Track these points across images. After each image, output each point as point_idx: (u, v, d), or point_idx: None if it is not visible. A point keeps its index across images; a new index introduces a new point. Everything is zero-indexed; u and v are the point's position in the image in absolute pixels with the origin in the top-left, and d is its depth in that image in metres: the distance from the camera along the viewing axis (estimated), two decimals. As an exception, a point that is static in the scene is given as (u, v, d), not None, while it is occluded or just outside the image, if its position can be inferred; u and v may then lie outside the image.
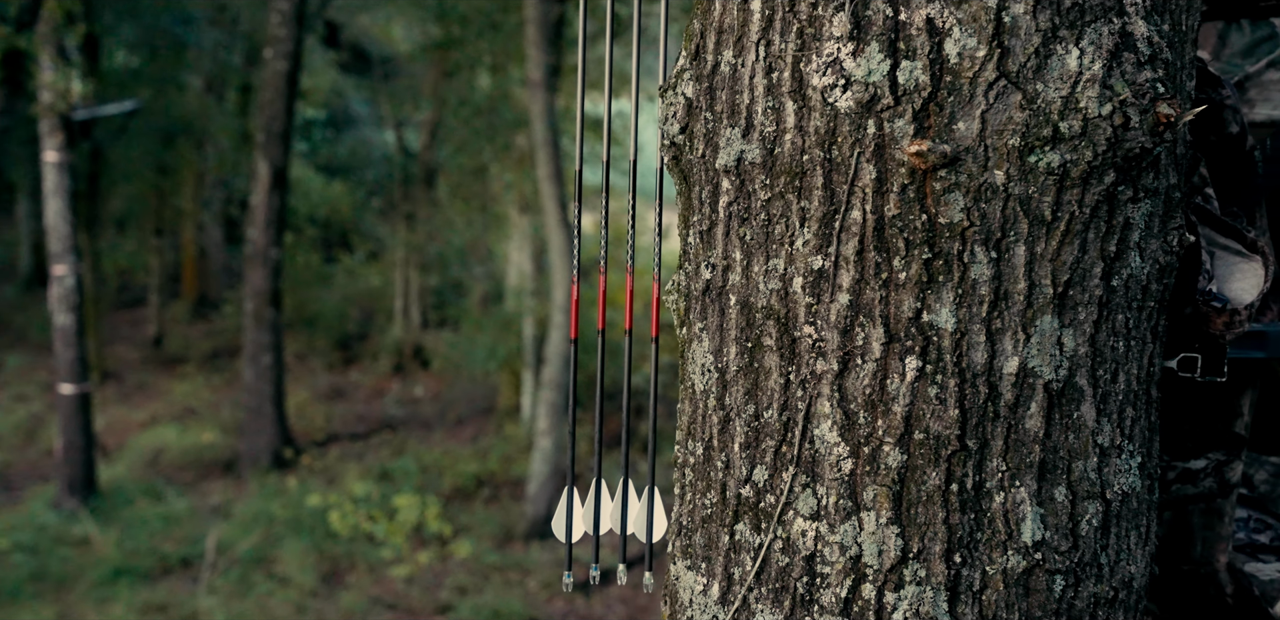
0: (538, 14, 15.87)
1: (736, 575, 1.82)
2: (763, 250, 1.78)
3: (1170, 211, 1.82)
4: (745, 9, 1.78)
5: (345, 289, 25.93)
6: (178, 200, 25.42)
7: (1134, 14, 1.72)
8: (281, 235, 18.61)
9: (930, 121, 1.68)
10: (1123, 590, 1.84)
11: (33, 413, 20.59)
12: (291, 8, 17.84)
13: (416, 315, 23.81)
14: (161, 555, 15.77)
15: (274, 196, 18.24)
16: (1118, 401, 1.79)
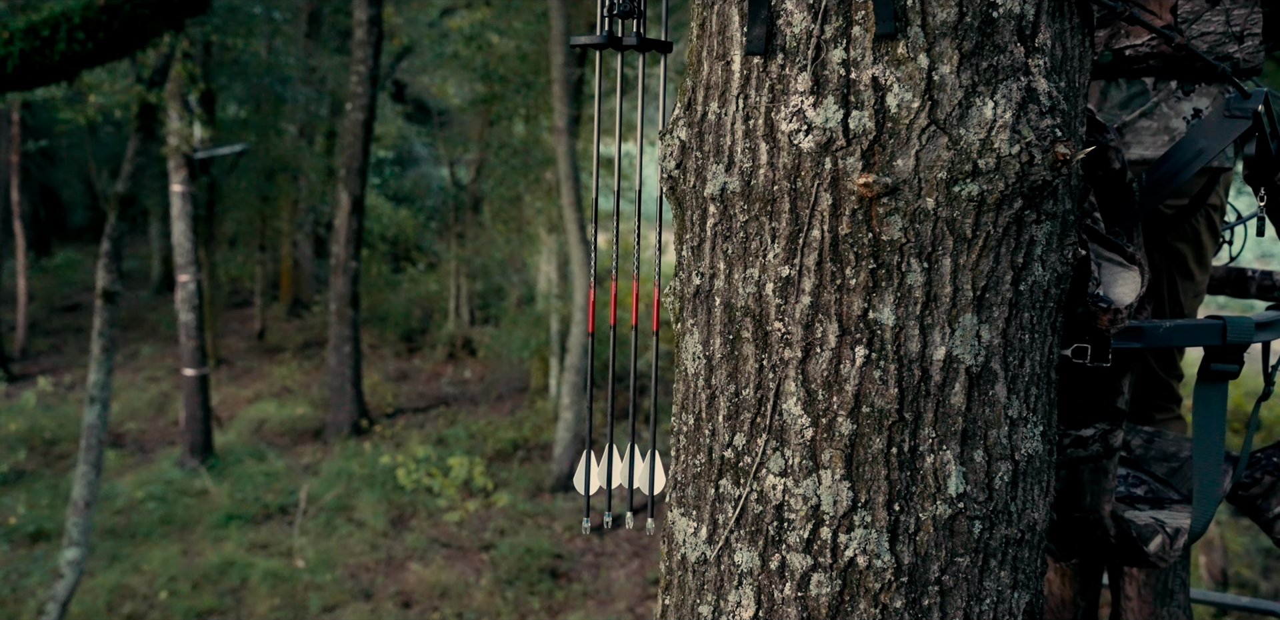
0: (562, 75, 15.89)
1: (720, 520, 1.81)
2: (741, 262, 1.77)
3: (1066, 231, 1.81)
4: (727, 69, 1.78)
5: (409, 293, 25.95)
6: (277, 222, 25.45)
7: (1037, 73, 1.71)
8: (359, 250, 18.62)
9: (875, 159, 1.67)
10: (1028, 532, 1.83)
11: (162, 391, 20.61)
12: (367, 70, 17.85)
13: (465, 314, 23.81)
14: (263, 504, 15.79)
15: (353, 219, 18.25)
16: (1024, 382, 1.78)
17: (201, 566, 13.90)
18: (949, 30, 1.67)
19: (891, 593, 1.73)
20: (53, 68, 9.47)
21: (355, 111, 18.11)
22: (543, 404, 19.18)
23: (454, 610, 13.01)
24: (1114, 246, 1.95)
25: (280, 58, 20.97)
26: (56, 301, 26.99)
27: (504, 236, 23.50)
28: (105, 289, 11.73)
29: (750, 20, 1.73)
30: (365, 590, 13.53)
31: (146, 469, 17.23)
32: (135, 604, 13.19)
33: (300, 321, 25.42)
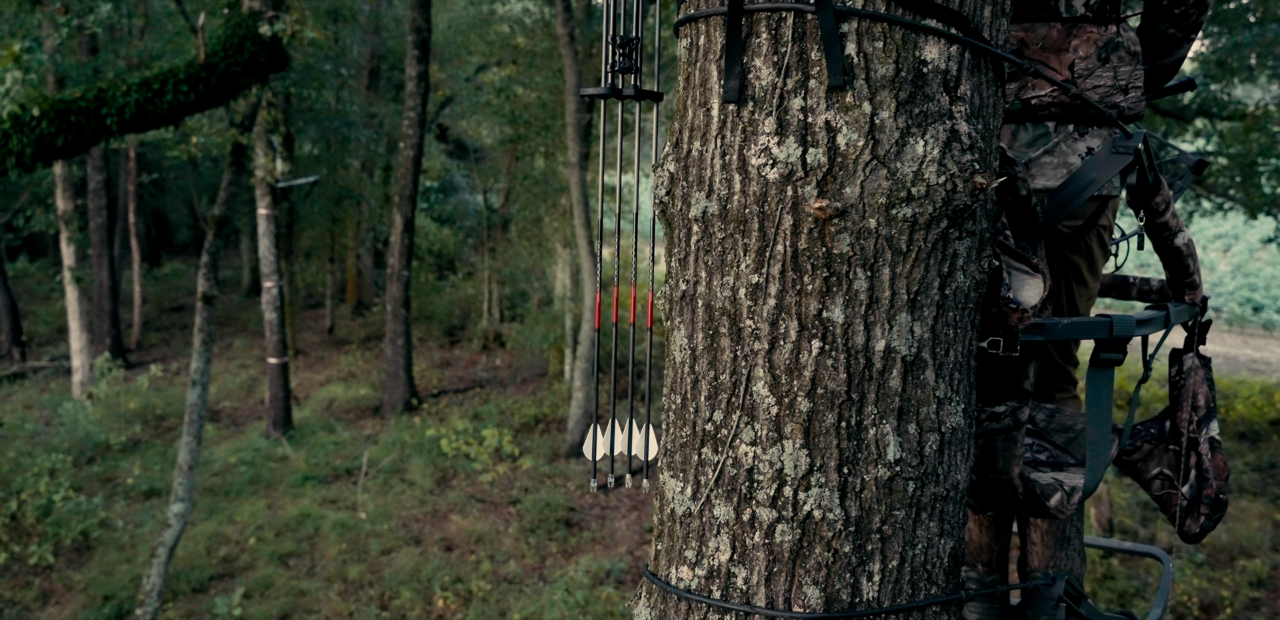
0: (574, 120, 15.92)
1: (702, 481, 1.80)
2: (719, 271, 1.77)
3: (983, 245, 1.81)
4: (708, 115, 1.77)
5: (450, 296, 25.96)
6: (344, 239, 25.46)
7: (959, 118, 1.71)
8: (410, 262, 18.62)
9: (828, 187, 1.67)
10: (952, 491, 1.82)
11: (251, 376, 20.62)
12: (417, 116, 17.85)
13: (496, 313, 23.80)
14: (333, 467, 15.80)
15: (405, 237, 18.25)
16: (949, 369, 1.78)
17: (283, 518, 13.90)
18: (888, 83, 1.67)
19: (842, 540, 1.73)
20: (162, 114, 9.48)
21: (407, 149, 18.12)
22: (559, 386, 19.18)
23: (487, 553, 13.02)
24: (1021, 258, 1.95)
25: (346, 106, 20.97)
26: (165, 303, 27.00)
27: (527, 250, 23.52)
28: (205, 293, 11.72)
29: (726, 75, 1.73)
30: (415, 537, 13.54)
31: (238, 439, 17.24)
32: (229, 549, 13.20)
33: (362, 319, 25.43)
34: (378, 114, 22.07)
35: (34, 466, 14.10)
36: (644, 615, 1.96)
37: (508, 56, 22.13)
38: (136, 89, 9.25)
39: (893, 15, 1.66)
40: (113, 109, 9.10)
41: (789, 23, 1.69)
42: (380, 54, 23.31)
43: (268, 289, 17.28)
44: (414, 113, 17.93)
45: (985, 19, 1.76)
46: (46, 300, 26.31)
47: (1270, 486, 14.10)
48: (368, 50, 22.70)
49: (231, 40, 9.77)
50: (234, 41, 9.77)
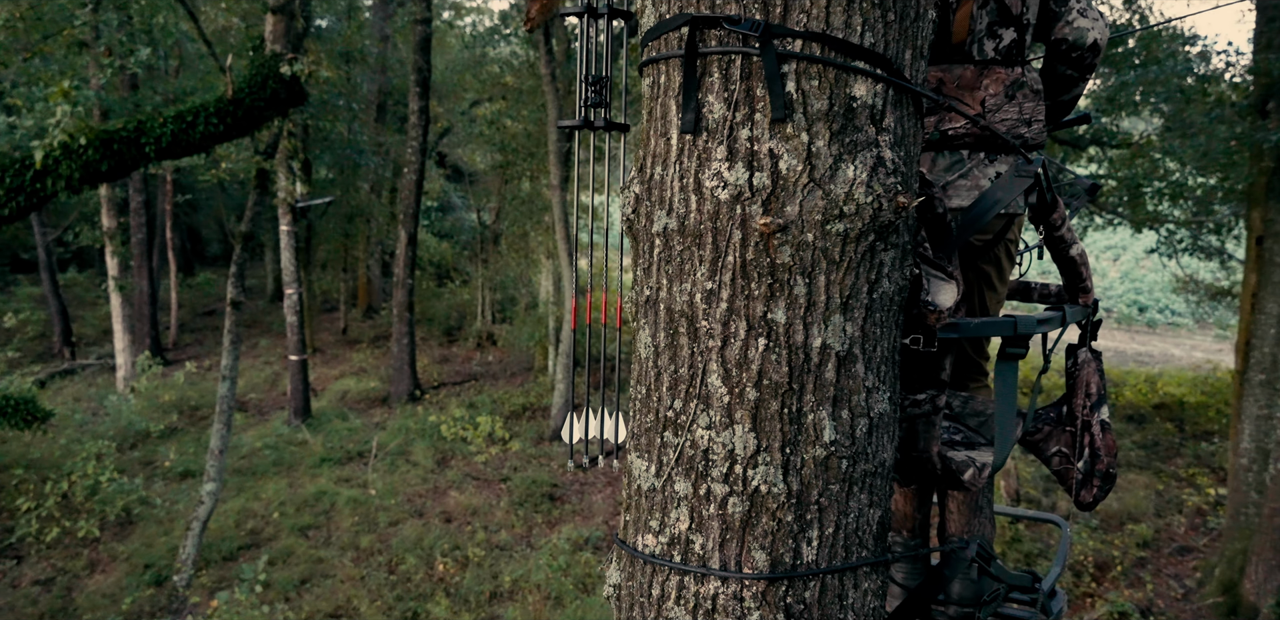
0: (556, 148, 15.88)
1: (665, 461, 1.80)
2: (678, 279, 1.77)
3: (905, 256, 1.81)
4: (668, 143, 1.77)
5: (449, 301, 25.84)
6: (355, 251, 25.32)
7: (884, 146, 1.71)
8: (414, 271, 18.53)
9: (772, 206, 1.67)
10: (880, 467, 1.83)
11: (274, 371, 20.47)
12: (419, 145, 17.78)
13: (489, 315, 23.70)
14: (346, 450, 15.69)
15: (409, 249, 18.17)
16: (877, 362, 1.78)
17: (302, 495, 13.80)
18: (823, 116, 1.67)
19: (785, 511, 1.73)
20: (194, 143, 9.40)
21: (410, 173, 18.04)
22: (543, 378, 19.13)
23: (481, 524, 12.96)
24: (939, 267, 1.96)
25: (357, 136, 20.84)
26: (199, 308, 26.76)
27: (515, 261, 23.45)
28: (233, 299, 11.62)
29: (683, 109, 1.73)
30: (418, 510, 13.47)
31: (263, 426, 17.10)
32: (255, 522, 13.09)
33: (372, 321, 25.28)
34: (384, 143, 21.96)
35: (82, 451, 13.95)
36: (614, 577, 1.96)
37: (498, 93, 22.08)
38: (172, 121, 9.16)
39: (826, 57, 1.67)
40: (151, 138, 9.01)
41: (737, 64, 1.69)
42: (387, 91, 23.19)
43: (288, 295, 17.17)
44: (416, 142, 17.85)
45: (906, 61, 1.76)
46: (93, 306, 26.02)
47: (1154, 461, 14.23)
48: (376, 87, 22.57)
49: (256, 78, 9.70)
50: (258, 80, 9.70)
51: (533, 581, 11.09)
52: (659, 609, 1.82)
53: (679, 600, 1.79)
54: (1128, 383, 17.84)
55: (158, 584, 11.46)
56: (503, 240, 23.94)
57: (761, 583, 1.73)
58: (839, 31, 1.67)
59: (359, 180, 22.46)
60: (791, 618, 1.75)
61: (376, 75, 22.31)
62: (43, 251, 22.00)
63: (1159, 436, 15.27)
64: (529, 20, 2.19)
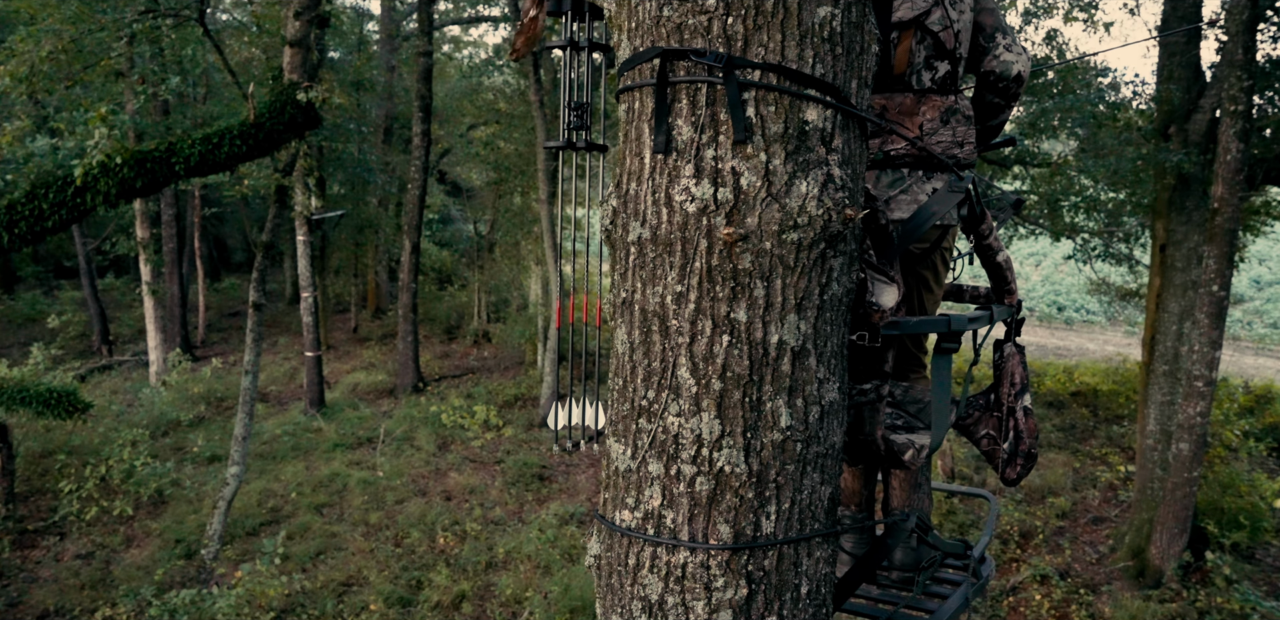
0: (544, 166, 15.84)
1: (639, 444, 1.80)
2: (650, 283, 1.76)
3: (852, 262, 1.82)
4: (641, 162, 1.77)
5: (449, 303, 25.71)
6: (365, 259, 25.14)
7: (833, 164, 1.71)
8: (418, 276, 18.43)
9: (734, 218, 1.67)
10: (831, 449, 1.83)
11: (292, 366, 20.30)
12: (421, 164, 17.70)
13: (484, 315, 23.58)
14: (357, 436, 15.58)
15: (413, 257, 18.07)
16: (827, 356, 1.78)
17: (317, 476, 13.70)
18: (779, 138, 1.67)
19: (746, 488, 1.73)
20: (220, 163, 9.31)
21: (414, 189, 17.93)
22: (533, 371, 19.07)
23: (478, 502, 12.91)
24: (881, 271, 1.96)
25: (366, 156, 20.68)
26: (225, 310, 26.50)
27: (508, 267, 23.39)
28: (255, 302, 11.52)
29: (656, 132, 1.73)
30: (421, 490, 13.39)
31: (282, 415, 16.96)
32: (275, 501, 12.98)
33: (380, 321, 25.10)
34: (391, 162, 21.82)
35: (119, 439, 13.79)
36: (595, 549, 1.95)
37: (492, 118, 22.01)
38: (200, 142, 9.08)
39: (782, 86, 1.67)
40: (180, 158, 8.92)
41: (703, 92, 1.69)
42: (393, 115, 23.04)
43: (305, 298, 17.05)
44: (419, 161, 17.76)
45: (853, 89, 1.77)
46: (129, 308, 25.71)
47: (1071, 442, 14.34)
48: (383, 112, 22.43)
49: (275, 105, 9.62)
50: (277, 106, 9.62)
51: (524, 553, 11.05)
52: (635, 577, 1.81)
53: (652, 569, 1.78)
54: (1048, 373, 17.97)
55: (187, 557, 11.35)
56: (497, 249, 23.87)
57: (726, 552, 1.73)
58: (793, 63, 1.68)
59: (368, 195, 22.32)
60: (752, 583, 1.74)
61: (384, 102, 22.18)
62: (83, 259, 21.75)
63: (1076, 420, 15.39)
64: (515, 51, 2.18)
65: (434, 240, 29.31)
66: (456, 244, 29.18)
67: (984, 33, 2.54)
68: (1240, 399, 15.15)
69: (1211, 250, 9.26)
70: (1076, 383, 17.18)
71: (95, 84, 11.34)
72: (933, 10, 2.42)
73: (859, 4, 1.76)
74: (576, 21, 2.26)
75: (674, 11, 1.70)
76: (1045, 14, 14.01)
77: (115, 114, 8.87)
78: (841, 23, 1.72)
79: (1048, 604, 9.72)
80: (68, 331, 22.60)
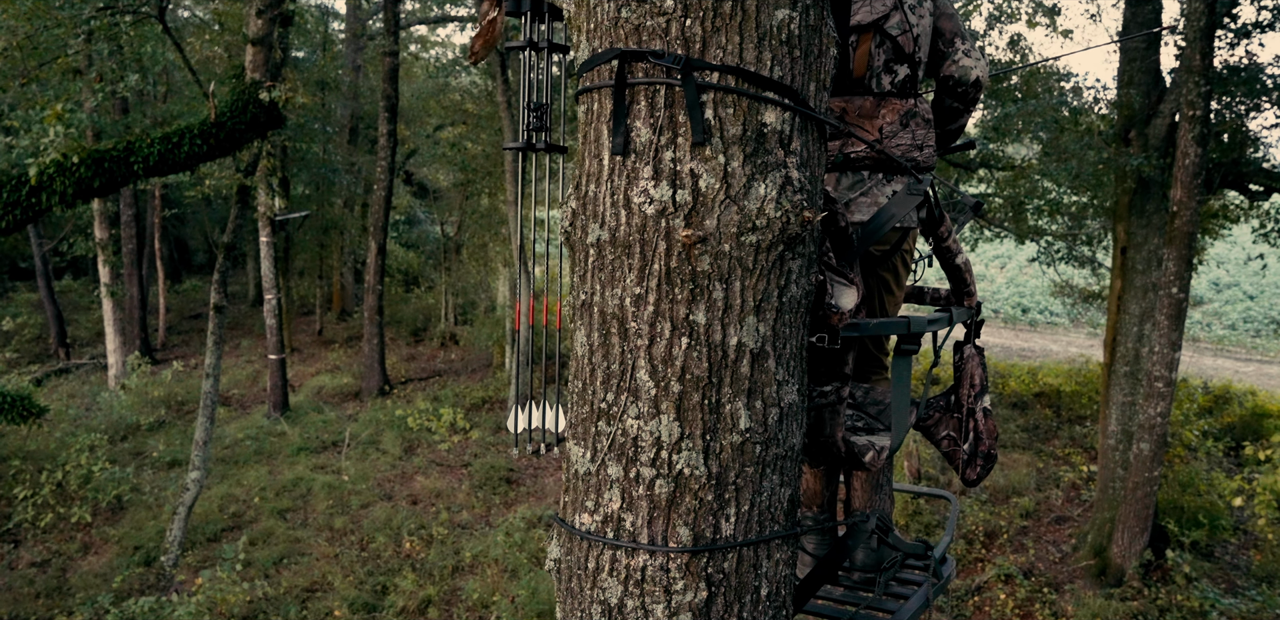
0: (511, 167, 15.80)
1: (599, 447, 1.79)
2: (609, 284, 1.76)
3: (811, 264, 1.82)
4: (600, 164, 1.77)
5: (415, 305, 25.54)
6: (330, 260, 24.89)
7: (792, 167, 1.72)
8: (383, 278, 18.28)
9: (693, 220, 1.67)
10: (790, 451, 1.84)
11: (255, 369, 20.07)
12: (387, 164, 17.57)
13: (451, 317, 23.43)
14: (321, 440, 15.43)
15: (379, 259, 17.93)
16: (786, 358, 1.79)
17: (281, 481, 13.55)
18: (737, 140, 1.68)
19: (706, 490, 1.73)
20: (180, 162, 9.19)
21: (380, 190, 17.80)
22: (500, 374, 18.99)
23: (445, 505, 12.83)
24: (841, 274, 1.97)
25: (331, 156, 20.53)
26: (186, 312, 26.15)
27: (475, 269, 23.28)
28: (216, 304, 11.38)
29: (614, 133, 1.72)
30: (387, 494, 13.29)
31: (245, 419, 16.76)
32: (237, 506, 12.83)
33: (345, 324, 24.87)
34: (356, 162, 21.64)
35: (76, 443, 13.55)
36: (555, 552, 1.94)
37: (459, 118, 21.92)
38: (159, 142, 8.96)
39: (740, 89, 1.67)
40: (139, 158, 8.80)
41: (661, 94, 1.69)
42: (358, 115, 22.86)
43: (268, 300, 16.86)
44: (385, 161, 17.63)
45: (811, 92, 1.78)
46: (87, 310, 25.31)
47: (1035, 442, 14.51)
48: (348, 112, 22.24)
49: (237, 104, 9.51)
50: (239, 105, 9.51)
51: (491, 556, 11.00)
52: (594, 580, 1.81)
53: (612, 572, 1.78)
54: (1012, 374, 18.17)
55: (146, 564, 11.18)
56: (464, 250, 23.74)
57: (685, 555, 1.73)
58: (751, 65, 1.68)
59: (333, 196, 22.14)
60: (712, 586, 1.75)
61: (349, 101, 22.00)
62: (39, 260, 21.37)
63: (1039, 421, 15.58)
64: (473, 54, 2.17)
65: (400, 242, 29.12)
66: (423, 245, 29.00)
67: (943, 38, 2.56)
68: (1199, 399, 15.41)
69: (1171, 253, 9.41)
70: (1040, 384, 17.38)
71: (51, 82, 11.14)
72: (891, 14, 2.44)
73: (817, 7, 1.77)
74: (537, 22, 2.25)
75: (632, 13, 1.70)
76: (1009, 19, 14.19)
77: (72, 112, 8.73)
78: (799, 25, 1.73)
79: (1012, 603, 9.82)
80: (23, 334, 22.21)
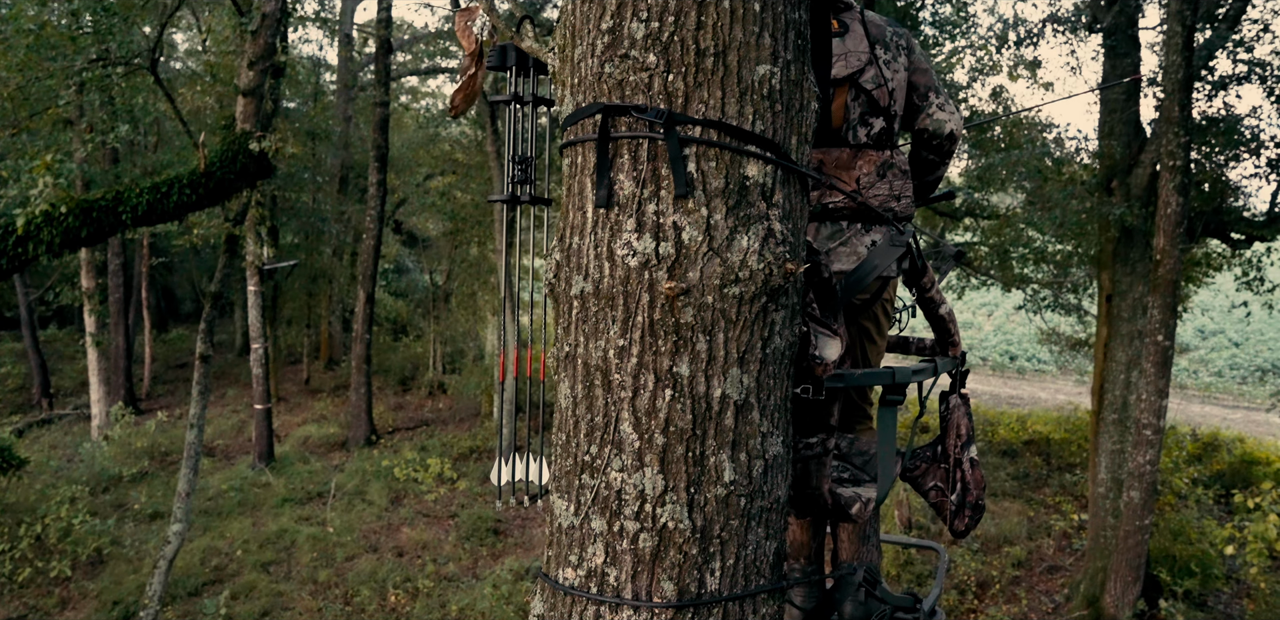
0: (500, 218, 15.88)
1: (583, 501, 1.78)
2: (594, 336, 1.76)
3: (794, 315, 1.83)
4: (584, 216, 1.78)
5: (403, 353, 25.42)
6: (318, 309, 24.84)
7: (774, 219, 1.74)
8: (371, 327, 18.24)
9: (676, 272, 1.68)
10: (775, 504, 1.82)
11: (241, 419, 19.89)
12: (377, 213, 17.66)
13: (440, 366, 23.34)
14: (307, 491, 15.24)
15: (368, 308, 17.92)
16: (771, 410, 1.79)
17: (265, 533, 13.34)
18: (720, 193, 1.70)
19: (690, 544, 1.71)
20: (169, 212, 9.22)
21: (369, 239, 17.86)
22: (488, 423, 18.86)
23: (431, 557, 12.64)
24: (824, 324, 1.98)
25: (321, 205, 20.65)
26: (172, 362, 25.98)
27: (464, 317, 23.26)
28: (202, 353, 11.31)
29: (597, 186, 1.74)
30: (373, 546, 13.09)
31: (229, 470, 16.55)
32: (220, 559, 12.61)
33: (333, 372, 24.73)
34: (346, 211, 21.74)
35: (56, 495, 13.35)
36: (538, 608, 1.91)
37: (449, 168, 22.09)
38: (148, 191, 8.99)
39: (722, 142, 1.70)
40: (128, 207, 8.82)
41: (645, 147, 1.71)
42: (349, 165, 23.02)
43: (255, 349, 16.78)
44: (375, 211, 17.73)
45: (793, 145, 1.80)
46: (72, 360, 25.11)
47: (1025, 491, 14.44)
48: (339, 162, 22.41)
49: (227, 154, 9.57)
50: (229, 154, 9.58)
51: (478, 610, 10.80)
52: (578, 636, 1.78)
53: (596, 628, 1.75)
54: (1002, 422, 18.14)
55: (125, 619, 10.93)
56: (453, 299, 23.76)
57: (670, 611, 1.70)
58: (733, 120, 1.71)
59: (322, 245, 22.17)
60: (697, 642, 1.72)
61: (340, 151, 22.18)
62: (24, 309, 21.28)
63: (1029, 469, 15.52)
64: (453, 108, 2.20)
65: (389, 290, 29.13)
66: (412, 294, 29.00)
67: (918, 92, 2.61)
68: (1188, 446, 15.40)
69: (1155, 301, 9.49)
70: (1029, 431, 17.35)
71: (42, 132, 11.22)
72: (867, 69, 2.49)
73: (798, 62, 1.80)
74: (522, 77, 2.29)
75: (615, 68, 1.73)
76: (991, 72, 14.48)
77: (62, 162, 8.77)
78: (781, 81, 1.76)
79: (1006, 656, 9.68)
80: (6, 384, 22.01)
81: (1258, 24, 11.74)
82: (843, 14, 2.57)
